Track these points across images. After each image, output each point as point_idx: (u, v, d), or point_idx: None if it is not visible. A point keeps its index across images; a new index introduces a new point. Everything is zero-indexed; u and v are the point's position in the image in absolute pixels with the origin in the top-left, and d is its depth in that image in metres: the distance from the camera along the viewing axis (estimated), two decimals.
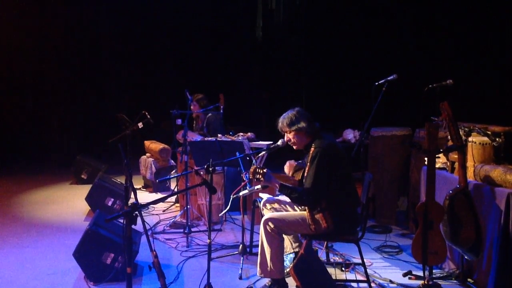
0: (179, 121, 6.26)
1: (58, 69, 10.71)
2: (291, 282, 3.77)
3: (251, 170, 3.75)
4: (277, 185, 3.75)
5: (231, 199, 4.23)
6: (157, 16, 10.78)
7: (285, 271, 3.93)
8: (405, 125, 5.85)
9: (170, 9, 10.70)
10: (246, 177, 3.85)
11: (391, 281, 4.11)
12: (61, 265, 4.60)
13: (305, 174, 3.80)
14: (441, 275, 4.13)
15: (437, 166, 4.18)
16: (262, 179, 3.73)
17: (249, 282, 4.15)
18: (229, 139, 5.74)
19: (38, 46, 10.50)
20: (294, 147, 3.94)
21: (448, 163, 4.22)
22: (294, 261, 3.55)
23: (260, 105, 10.70)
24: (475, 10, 7.07)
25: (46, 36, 10.46)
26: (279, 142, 4.06)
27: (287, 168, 4.24)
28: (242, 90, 10.68)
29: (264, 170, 3.73)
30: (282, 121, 3.89)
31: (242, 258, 4.46)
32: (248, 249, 4.62)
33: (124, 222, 2.93)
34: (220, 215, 5.75)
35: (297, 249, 4.15)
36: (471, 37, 7.19)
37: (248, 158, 4.63)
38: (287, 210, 4.12)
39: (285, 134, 3.94)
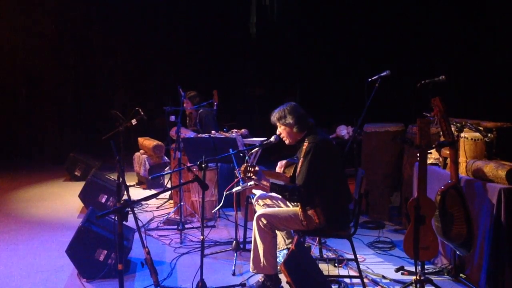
0: (172, 118, 6.26)
1: (51, 66, 10.66)
2: (284, 278, 3.78)
3: (242, 169, 3.74)
4: (267, 183, 3.73)
5: (224, 195, 4.24)
6: (150, 12, 10.73)
7: (278, 267, 3.94)
8: (398, 121, 5.87)
9: (164, 5, 10.66)
10: (239, 173, 3.84)
11: (383, 277, 4.12)
12: (54, 262, 4.59)
13: (298, 170, 3.79)
14: (434, 270, 4.15)
15: (429, 161, 4.20)
16: (254, 177, 3.72)
17: (243, 278, 4.15)
18: (223, 136, 5.73)
19: (31, 43, 10.45)
20: (286, 142, 3.95)
21: (440, 159, 4.24)
22: (285, 257, 3.55)
23: (253, 101, 10.69)
24: (467, 6, 7.09)
25: (39, 33, 10.40)
26: (272, 139, 4.05)
27: (278, 169, 4.24)
28: (236, 87, 10.67)
29: (256, 169, 3.72)
30: (274, 115, 3.92)
31: (235, 254, 4.47)
32: (241, 245, 4.63)
33: (116, 219, 2.93)
34: (213, 211, 5.76)
35: (290, 245, 4.16)
36: (463, 33, 7.21)
37: (241, 154, 4.63)
38: (279, 206, 4.13)
39: (277, 127, 3.95)
